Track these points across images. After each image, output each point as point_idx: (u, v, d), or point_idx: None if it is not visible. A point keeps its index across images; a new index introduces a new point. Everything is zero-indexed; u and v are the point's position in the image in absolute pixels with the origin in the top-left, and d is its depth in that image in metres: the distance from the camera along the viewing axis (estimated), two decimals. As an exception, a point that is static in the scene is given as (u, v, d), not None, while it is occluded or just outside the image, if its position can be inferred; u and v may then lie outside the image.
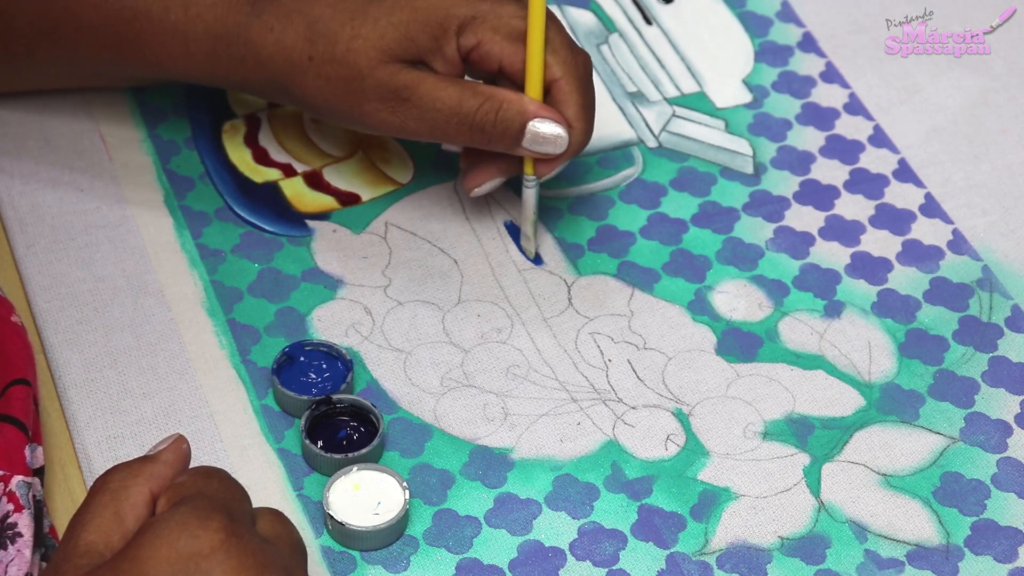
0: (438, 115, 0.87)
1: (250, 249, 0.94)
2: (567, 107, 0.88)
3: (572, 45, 0.89)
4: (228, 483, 0.71)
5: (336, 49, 0.87)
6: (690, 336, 0.91)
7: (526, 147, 0.88)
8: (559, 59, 0.88)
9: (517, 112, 0.87)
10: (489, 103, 0.87)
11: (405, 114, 0.87)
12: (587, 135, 0.89)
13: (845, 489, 0.85)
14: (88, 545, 0.68)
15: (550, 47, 0.88)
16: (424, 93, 0.87)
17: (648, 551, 0.82)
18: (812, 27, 1.08)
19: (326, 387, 0.87)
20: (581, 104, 0.88)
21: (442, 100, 0.87)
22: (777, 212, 0.97)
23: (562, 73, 0.88)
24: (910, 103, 1.04)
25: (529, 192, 0.91)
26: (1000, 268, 0.95)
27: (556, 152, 0.88)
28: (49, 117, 0.98)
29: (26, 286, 0.91)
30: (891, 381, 0.90)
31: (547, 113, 0.87)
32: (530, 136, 0.88)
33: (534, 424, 0.87)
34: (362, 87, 0.87)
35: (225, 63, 0.89)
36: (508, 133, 0.88)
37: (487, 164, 0.91)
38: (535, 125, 0.87)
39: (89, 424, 0.85)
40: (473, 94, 0.87)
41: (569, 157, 0.89)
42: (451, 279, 0.93)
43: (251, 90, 0.91)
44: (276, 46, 0.87)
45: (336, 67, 0.87)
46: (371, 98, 0.87)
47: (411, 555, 0.82)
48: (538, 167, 0.90)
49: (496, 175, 0.91)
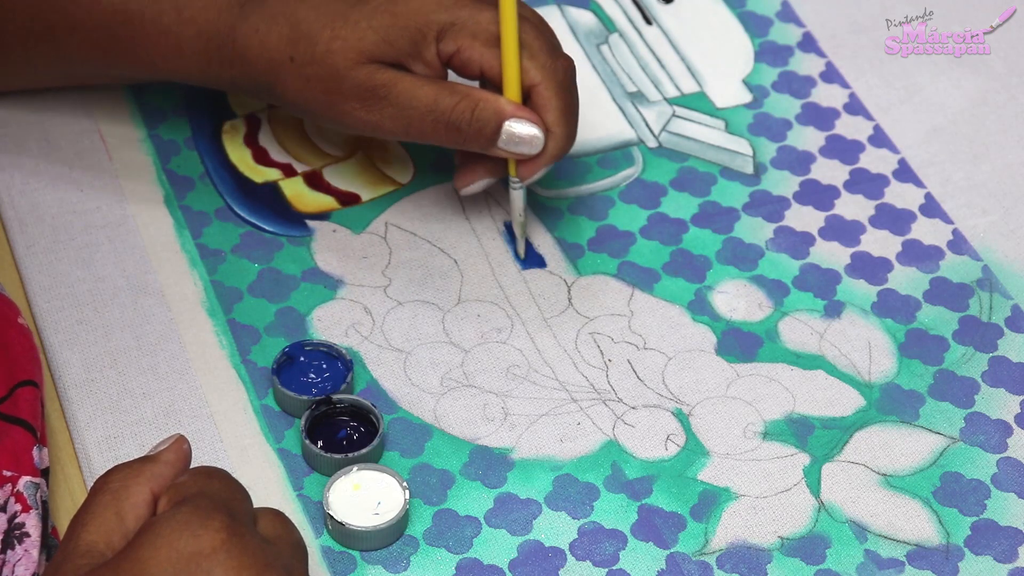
0: (414, 113, 0.88)
1: (250, 249, 0.94)
2: (547, 112, 0.89)
3: (553, 50, 0.89)
4: (229, 483, 0.71)
5: (316, 50, 0.87)
6: (690, 336, 0.91)
7: (501, 147, 0.88)
8: (538, 64, 0.88)
9: (493, 112, 0.88)
10: (465, 102, 0.88)
11: (381, 112, 0.88)
12: (569, 140, 0.89)
13: (845, 489, 0.85)
14: (89, 545, 0.68)
15: (528, 52, 0.88)
16: (401, 91, 0.87)
17: (648, 551, 0.82)
18: (812, 27, 1.08)
19: (326, 387, 0.87)
20: (561, 109, 0.89)
21: (418, 98, 0.88)
22: (777, 212, 0.97)
23: (541, 78, 0.88)
24: (910, 103, 1.04)
25: (515, 194, 0.92)
26: (1000, 268, 0.95)
27: (531, 153, 0.88)
28: (49, 117, 0.98)
29: (26, 286, 0.91)
30: (891, 381, 0.90)
31: (523, 114, 0.88)
32: (505, 136, 0.88)
33: (534, 424, 0.87)
34: (340, 87, 0.88)
35: (216, 64, 0.90)
36: (483, 132, 0.88)
37: (476, 164, 0.92)
38: (511, 125, 0.88)
39: (89, 424, 0.85)
40: (450, 93, 0.88)
41: (550, 161, 0.89)
42: (451, 279, 0.93)
43: (240, 90, 0.92)
44: (260, 47, 0.88)
45: (316, 67, 0.88)
46: (349, 97, 0.88)
47: (411, 555, 0.82)
48: (520, 169, 0.90)
49: (485, 175, 0.92)
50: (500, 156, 0.89)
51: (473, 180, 0.92)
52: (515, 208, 0.92)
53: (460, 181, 0.92)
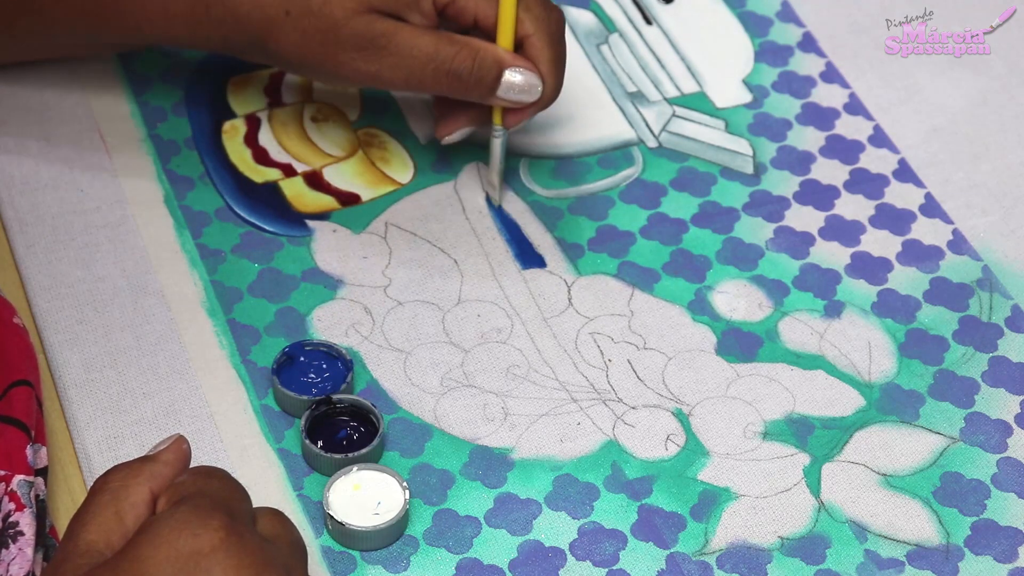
0: (414, 63, 0.89)
1: (250, 249, 0.94)
2: (539, 62, 0.91)
3: (546, 2, 0.91)
4: (228, 483, 0.71)
5: (312, 2, 0.88)
6: (690, 336, 0.91)
7: (500, 95, 0.90)
8: (532, 16, 0.90)
9: (494, 60, 0.89)
10: (465, 51, 0.89)
11: (381, 63, 0.88)
12: (557, 90, 0.92)
13: (845, 489, 0.85)
14: (88, 544, 0.68)
15: (523, 4, 0.90)
16: (401, 41, 0.88)
17: (648, 551, 0.82)
18: (812, 27, 1.08)
19: (326, 387, 0.87)
20: (552, 59, 0.91)
21: (419, 48, 0.88)
22: (777, 212, 0.97)
23: (534, 29, 0.90)
24: (910, 103, 1.04)
25: (496, 142, 0.93)
26: (1000, 268, 0.95)
27: (529, 100, 0.90)
28: (49, 117, 0.98)
29: (26, 286, 0.91)
30: (891, 381, 0.90)
31: (521, 63, 0.90)
32: (505, 84, 0.90)
33: (534, 424, 0.87)
34: (337, 37, 0.88)
35: (205, 24, 0.90)
36: (484, 81, 0.90)
37: (457, 113, 0.93)
38: (511, 74, 0.90)
39: (89, 424, 0.85)
40: (450, 42, 0.89)
41: (538, 109, 0.92)
42: (451, 279, 0.93)
43: (230, 50, 0.92)
44: (253, 3, 0.89)
45: (313, 19, 0.88)
46: (347, 48, 0.88)
47: (411, 555, 0.82)
48: (506, 118, 0.92)
49: (466, 124, 0.94)
50: (496, 104, 0.91)
51: (455, 128, 0.94)
52: (495, 156, 0.94)
53: (442, 130, 0.94)
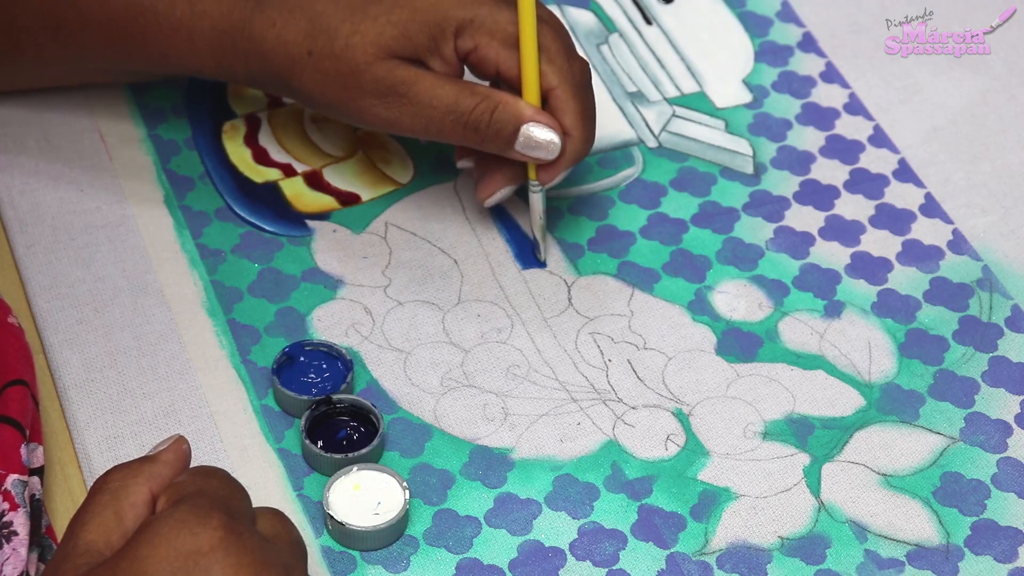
0: (434, 112, 0.88)
1: (250, 249, 0.94)
2: (564, 115, 0.89)
3: (569, 53, 0.89)
4: (228, 482, 0.71)
5: (335, 45, 0.87)
6: (690, 336, 0.91)
7: (519, 150, 0.89)
8: (555, 67, 0.89)
9: (512, 115, 0.88)
10: (485, 103, 0.88)
11: (400, 110, 0.88)
12: (587, 143, 0.90)
13: (845, 489, 0.85)
14: (88, 544, 0.68)
15: (546, 55, 0.88)
16: (421, 90, 0.87)
17: (648, 551, 0.82)
18: (812, 27, 1.08)
19: (326, 387, 0.87)
20: (578, 112, 0.89)
21: (439, 97, 0.87)
22: (777, 212, 0.97)
23: (558, 81, 0.89)
24: (910, 103, 1.04)
25: (535, 197, 0.92)
26: (1000, 268, 0.95)
27: (547, 158, 0.89)
28: (49, 117, 0.98)
29: (26, 286, 0.91)
30: (891, 381, 0.90)
31: (542, 118, 0.88)
32: (523, 139, 0.88)
33: (534, 424, 0.87)
34: (359, 82, 0.87)
35: (230, 57, 0.89)
36: (502, 134, 0.88)
37: (496, 174, 0.92)
38: (529, 129, 0.88)
39: (89, 424, 0.85)
40: (471, 93, 0.88)
41: (570, 164, 0.90)
42: (451, 279, 0.93)
43: (255, 84, 0.92)
44: (277, 40, 0.88)
45: (334, 62, 0.87)
46: (367, 93, 0.88)
47: (411, 555, 0.82)
48: (540, 174, 0.91)
49: (504, 184, 0.92)
50: (516, 159, 0.90)
51: (495, 190, 0.92)
52: (535, 212, 0.92)
53: (482, 192, 0.93)
